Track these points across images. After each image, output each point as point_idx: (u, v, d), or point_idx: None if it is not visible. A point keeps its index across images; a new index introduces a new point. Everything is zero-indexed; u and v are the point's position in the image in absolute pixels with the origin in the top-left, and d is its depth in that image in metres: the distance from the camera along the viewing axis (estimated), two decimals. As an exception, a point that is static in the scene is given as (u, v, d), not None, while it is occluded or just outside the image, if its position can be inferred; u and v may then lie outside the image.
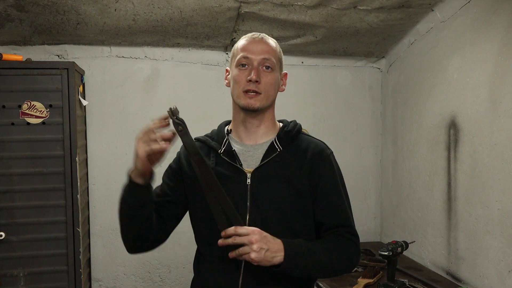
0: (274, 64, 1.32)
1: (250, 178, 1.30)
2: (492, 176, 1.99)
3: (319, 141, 1.40)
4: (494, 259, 1.99)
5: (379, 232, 3.11)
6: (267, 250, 1.16)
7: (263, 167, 1.31)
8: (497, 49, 1.96)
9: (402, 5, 2.28)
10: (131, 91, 2.73)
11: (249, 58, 1.30)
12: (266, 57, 1.30)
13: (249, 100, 1.29)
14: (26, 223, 2.25)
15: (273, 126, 1.38)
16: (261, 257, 1.15)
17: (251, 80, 1.27)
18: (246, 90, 1.29)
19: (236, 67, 1.32)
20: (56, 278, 2.28)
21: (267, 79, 1.30)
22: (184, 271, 2.84)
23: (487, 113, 2.02)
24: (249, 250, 1.14)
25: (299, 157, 1.34)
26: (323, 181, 1.33)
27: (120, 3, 2.20)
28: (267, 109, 1.35)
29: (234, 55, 1.35)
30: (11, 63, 2.24)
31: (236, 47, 1.36)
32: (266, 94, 1.30)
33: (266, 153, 1.33)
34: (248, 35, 1.36)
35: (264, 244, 1.15)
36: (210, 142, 1.38)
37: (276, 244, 1.18)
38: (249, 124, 1.35)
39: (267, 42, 1.34)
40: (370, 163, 3.08)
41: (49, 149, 2.25)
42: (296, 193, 1.30)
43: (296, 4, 2.25)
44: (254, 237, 1.14)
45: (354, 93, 3.05)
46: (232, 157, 1.33)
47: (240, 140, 1.37)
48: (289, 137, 1.36)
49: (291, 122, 1.42)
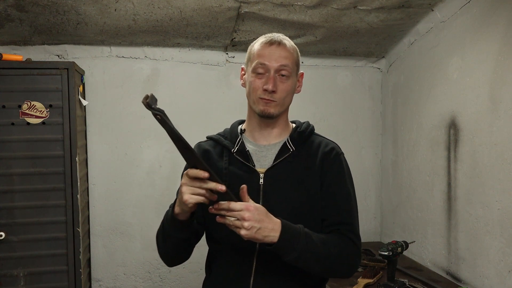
0: (291, 70, 1.31)
1: (263, 178, 1.30)
2: (492, 176, 1.99)
3: (330, 141, 1.40)
4: (494, 259, 1.98)
5: (379, 232, 3.11)
6: (259, 228, 1.10)
7: (276, 168, 1.31)
8: (497, 49, 1.96)
9: (402, 5, 2.28)
10: (131, 91, 2.73)
11: (265, 65, 1.29)
12: (283, 63, 1.29)
13: (265, 107, 1.29)
14: (26, 223, 2.25)
15: (286, 127, 1.39)
16: (251, 235, 1.10)
17: (267, 90, 1.27)
18: (262, 97, 1.29)
19: (253, 72, 1.31)
20: (56, 278, 2.28)
21: (283, 86, 1.30)
22: (184, 271, 2.84)
23: (487, 113, 2.02)
24: (240, 225, 1.09)
25: (311, 158, 1.34)
26: (330, 179, 1.32)
27: (120, 3, 2.20)
28: (282, 113, 1.35)
29: (250, 59, 1.33)
30: (11, 63, 2.24)
31: (253, 50, 1.34)
32: (281, 102, 1.31)
33: (279, 153, 1.33)
34: (266, 38, 1.33)
35: (257, 222, 1.10)
36: (223, 141, 1.37)
37: (271, 223, 1.13)
38: (264, 127, 1.35)
39: (285, 47, 1.32)
40: (370, 163, 3.09)
41: (49, 149, 2.25)
42: (308, 193, 1.30)
43: (296, 4, 2.25)
44: (246, 214, 1.09)
45: (354, 93, 3.05)
46: (246, 157, 1.33)
47: (253, 140, 1.37)
48: (302, 138, 1.36)
49: (304, 122, 1.42)
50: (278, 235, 1.13)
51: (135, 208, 2.78)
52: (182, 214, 1.19)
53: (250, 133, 1.38)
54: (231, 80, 2.84)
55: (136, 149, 2.77)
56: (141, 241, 2.79)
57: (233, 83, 2.84)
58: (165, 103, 1.14)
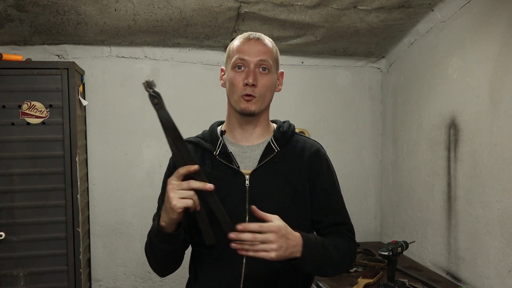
0: (271, 65, 1.29)
1: (248, 180, 1.29)
2: (492, 176, 1.99)
3: (313, 141, 1.40)
4: (494, 259, 1.98)
5: (379, 232, 3.11)
6: (286, 247, 1.11)
7: (261, 168, 1.30)
8: (497, 49, 1.96)
9: (402, 5, 2.28)
10: (131, 91, 2.73)
11: (245, 60, 1.27)
12: (263, 58, 1.28)
13: (246, 104, 1.27)
14: (26, 223, 2.25)
15: (267, 127, 1.37)
16: (281, 255, 1.10)
17: (248, 84, 1.25)
18: (243, 94, 1.27)
19: (232, 69, 1.29)
20: (56, 278, 2.28)
21: (263, 81, 1.28)
22: (184, 271, 2.81)
23: (487, 113, 2.02)
24: (269, 249, 1.08)
25: (296, 158, 1.33)
26: (322, 180, 1.33)
27: (120, 3, 2.20)
28: (263, 111, 1.33)
29: (229, 55, 1.32)
30: (11, 63, 2.24)
31: (231, 47, 1.33)
32: (262, 98, 1.28)
33: (264, 154, 1.31)
34: (243, 35, 1.33)
35: (284, 242, 1.10)
36: (203, 144, 1.34)
37: (294, 239, 1.14)
38: (245, 126, 1.33)
39: (263, 42, 1.31)
40: (370, 163, 3.08)
41: (49, 149, 2.25)
42: (295, 193, 1.30)
43: (296, 4, 2.25)
44: (272, 237, 1.09)
45: (354, 93, 3.05)
46: (229, 159, 1.30)
47: (235, 141, 1.35)
48: (285, 138, 1.35)
49: (285, 122, 1.41)
50: (301, 249, 1.15)
51: (135, 208, 2.78)
52: (169, 226, 1.16)
53: (231, 133, 1.36)
54: (231, 80, 2.84)
55: (136, 149, 2.77)
56: (141, 241, 2.79)
57: (233, 83, 2.83)
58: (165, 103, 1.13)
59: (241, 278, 1.27)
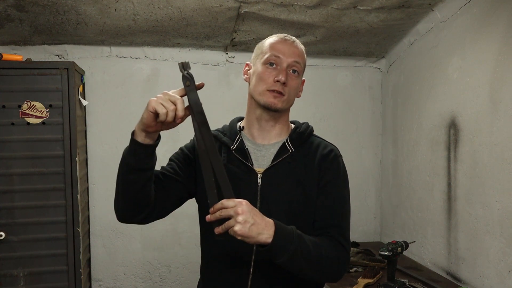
0: (301, 69, 1.33)
1: (261, 179, 1.29)
2: (492, 176, 1.99)
3: (329, 143, 1.38)
4: (494, 259, 1.98)
5: (379, 232, 3.11)
6: (253, 224, 1.05)
7: (274, 168, 1.30)
8: (497, 49, 1.96)
9: (402, 5, 2.28)
10: (131, 91, 2.73)
11: (280, 58, 1.29)
12: (297, 60, 1.30)
13: (273, 100, 1.27)
14: (26, 223, 2.25)
15: (286, 127, 1.37)
16: (246, 230, 1.04)
17: (279, 81, 1.26)
18: (272, 89, 1.27)
19: (264, 64, 1.30)
20: (56, 278, 2.28)
21: (292, 82, 1.30)
22: (184, 271, 2.84)
23: (487, 113, 2.02)
24: (234, 222, 1.04)
25: (309, 159, 1.32)
26: (325, 180, 1.30)
27: (120, 3, 2.20)
28: (285, 111, 1.34)
29: (262, 51, 1.33)
30: (11, 63, 2.24)
31: (265, 43, 1.34)
32: (288, 97, 1.30)
33: (278, 154, 1.31)
34: (279, 35, 1.35)
35: (251, 218, 1.05)
36: (221, 137, 1.35)
37: (264, 221, 1.08)
38: (265, 122, 1.33)
39: (298, 46, 1.33)
40: (370, 163, 3.09)
41: (49, 149, 2.26)
42: (305, 195, 1.29)
43: (296, 4, 2.25)
44: (240, 208, 1.05)
45: (354, 93, 3.05)
46: (245, 156, 1.31)
47: (252, 139, 1.35)
48: (301, 138, 1.35)
49: (303, 123, 1.41)
50: (272, 234, 1.09)
51: (135, 208, 2.77)
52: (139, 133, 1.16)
53: (249, 130, 1.36)
54: (231, 80, 2.84)
55: (136, 149, 2.76)
56: (141, 241, 2.79)
57: (233, 83, 2.84)
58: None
59: (249, 277, 1.26)
